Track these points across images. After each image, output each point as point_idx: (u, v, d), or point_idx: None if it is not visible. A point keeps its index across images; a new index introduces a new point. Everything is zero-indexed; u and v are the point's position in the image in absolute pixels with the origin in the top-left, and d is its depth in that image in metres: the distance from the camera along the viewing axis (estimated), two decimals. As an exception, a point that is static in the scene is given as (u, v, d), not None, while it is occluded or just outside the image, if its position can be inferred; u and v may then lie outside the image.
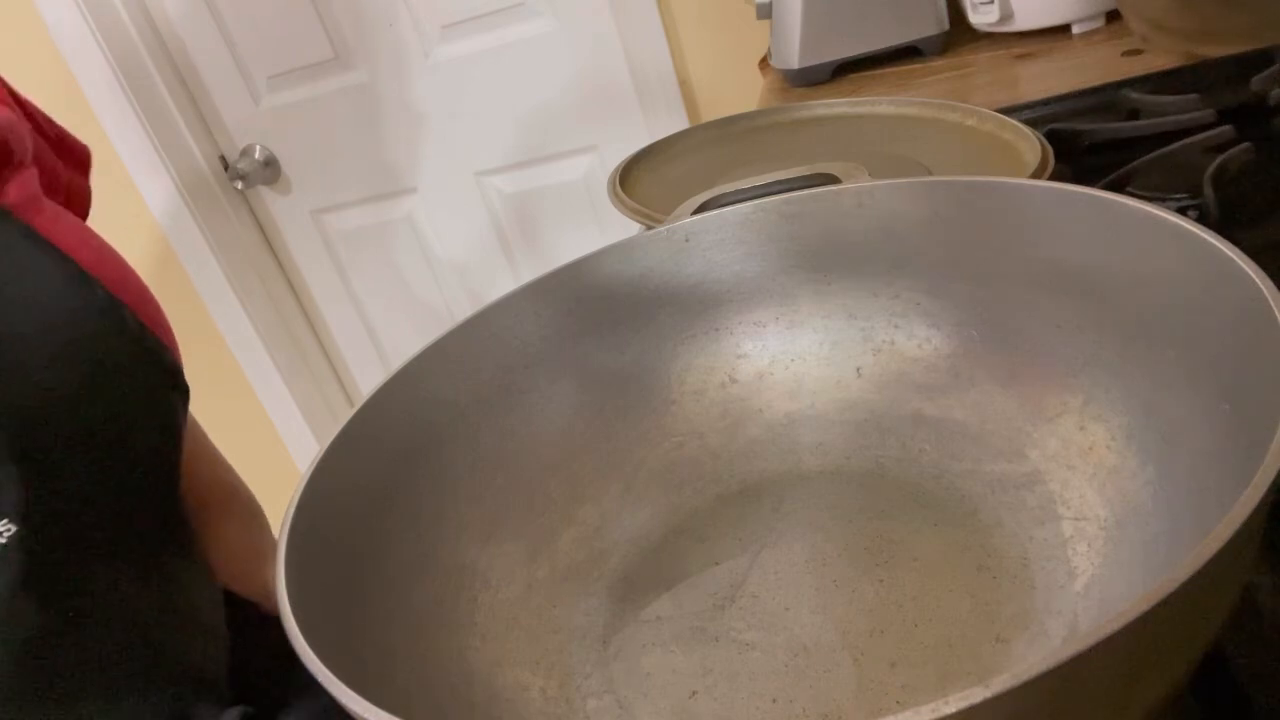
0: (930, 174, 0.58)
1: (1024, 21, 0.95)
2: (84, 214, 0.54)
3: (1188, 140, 0.63)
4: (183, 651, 0.45)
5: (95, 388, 0.42)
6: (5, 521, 0.38)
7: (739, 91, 1.30)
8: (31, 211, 0.44)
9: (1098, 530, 0.35)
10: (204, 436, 0.60)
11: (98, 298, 0.43)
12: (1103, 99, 0.75)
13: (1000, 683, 0.19)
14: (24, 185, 0.45)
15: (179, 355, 0.48)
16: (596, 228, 1.49)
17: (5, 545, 0.38)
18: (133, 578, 0.43)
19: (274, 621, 0.57)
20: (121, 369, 0.43)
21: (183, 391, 0.48)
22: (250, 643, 0.53)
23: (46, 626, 0.39)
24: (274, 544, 0.29)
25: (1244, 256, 0.29)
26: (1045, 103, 0.77)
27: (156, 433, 0.45)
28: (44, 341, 0.40)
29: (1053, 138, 0.60)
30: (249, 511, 0.63)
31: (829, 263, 0.45)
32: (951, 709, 0.19)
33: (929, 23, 1.00)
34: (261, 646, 0.54)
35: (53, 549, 0.40)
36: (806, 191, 0.44)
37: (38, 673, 0.39)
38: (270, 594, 0.59)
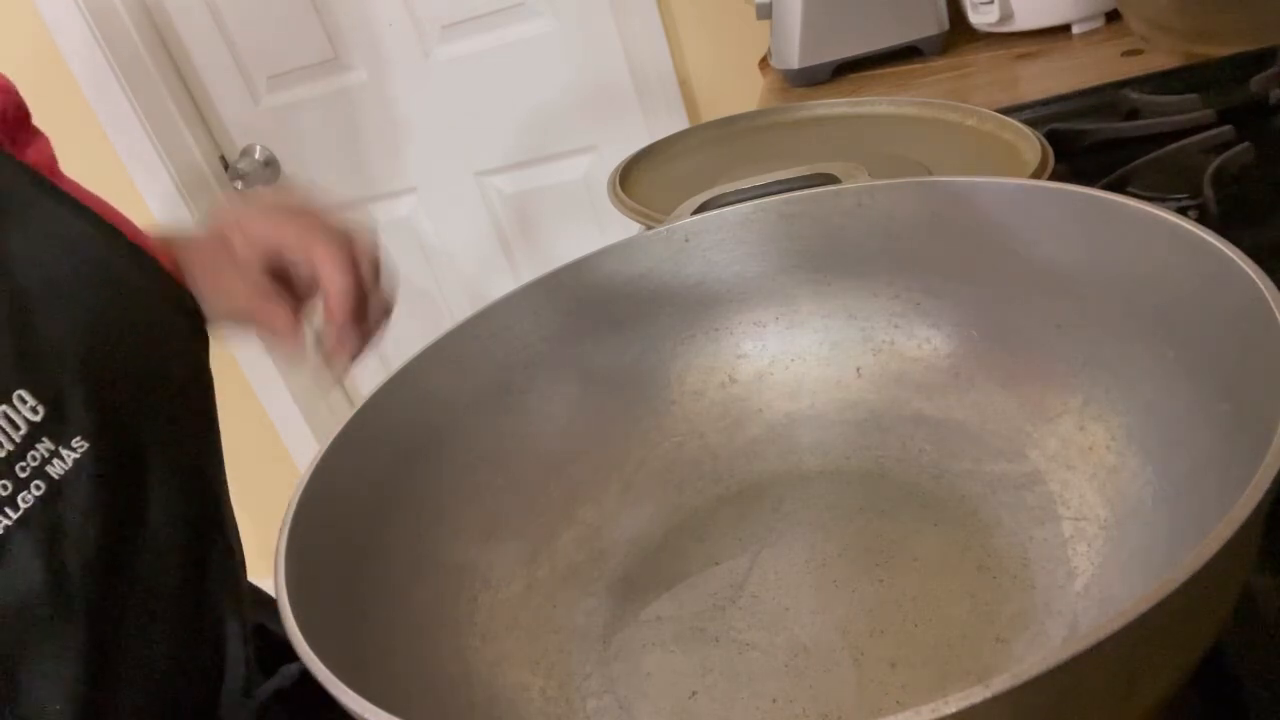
0: (930, 174, 0.58)
1: (1024, 21, 0.95)
2: None
3: (1188, 140, 0.63)
4: (219, 574, 0.49)
5: (134, 320, 0.45)
6: (79, 439, 0.42)
7: (739, 91, 1.30)
8: (49, 172, 0.47)
9: (1098, 530, 0.35)
10: None
11: (121, 241, 0.46)
12: (1103, 99, 0.75)
13: (1000, 683, 0.19)
14: (41, 149, 0.49)
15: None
16: (596, 228, 1.49)
17: (80, 460, 0.41)
18: (181, 499, 0.46)
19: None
20: (152, 305, 0.47)
21: (203, 335, 0.51)
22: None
23: (108, 543, 0.42)
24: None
25: (1244, 256, 0.29)
26: (1045, 103, 0.77)
27: (188, 364, 0.49)
28: (86, 277, 0.44)
29: (1053, 138, 0.60)
30: None
31: (829, 263, 0.45)
32: (951, 709, 0.19)
33: (929, 23, 1.00)
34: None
35: (118, 467, 0.43)
36: (806, 191, 0.44)
37: (93, 590, 0.42)
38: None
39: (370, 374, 1.79)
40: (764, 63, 1.16)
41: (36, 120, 0.52)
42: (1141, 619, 0.20)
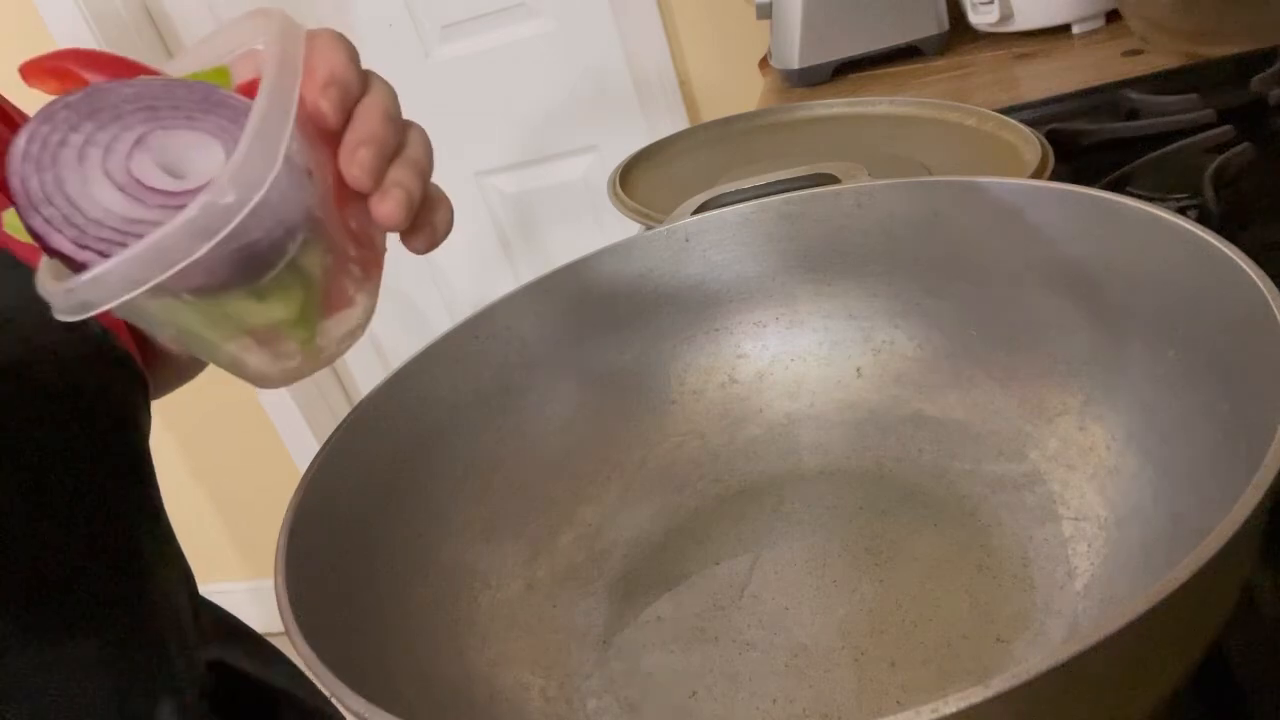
0: (930, 174, 0.58)
1: (1024, 21, 0.95)
2: None
3: (1188, 140, 0.63)
4: (153, 651, 0.45)
5: (22, 367, 0.41)
6: None
7: (739, 91, 1.30)
8: None
9: (1098, 530, 0.35)
10: None
11: (27, 283, 0.43)
12: (1103, 99, 0.75)
13: (1000, 683, 0.19)
14: None
15: (127, 339, 0.47)
16: (596, 228, 1.49)
17: None
18: (107, 573, 0.43)
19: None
20: (53, 351, 0.42)
21: (134, 374, 0.47)
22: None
23: (3, 625, 0.39)
24: None
25: (1244, 256, 0.29)
26: (1045, 103, 0.77)
27: (102, 418, 0.45)
28: None
29: (1053, 138, 0.60)
30: None
31: (829, 263, 0.45)
32: (951, 709, 0.19)
33: (929, 23, 1.00)
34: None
35: (8, 543, 0.39)
36: (806, 191, 0.44)
37: None
38: None
39: (370, 374, 1.78)
40: (764, 63, 1.16)
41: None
42: (1142, 619, 0.20)
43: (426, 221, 0.34)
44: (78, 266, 0.27)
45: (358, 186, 0.31)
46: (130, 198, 0.27)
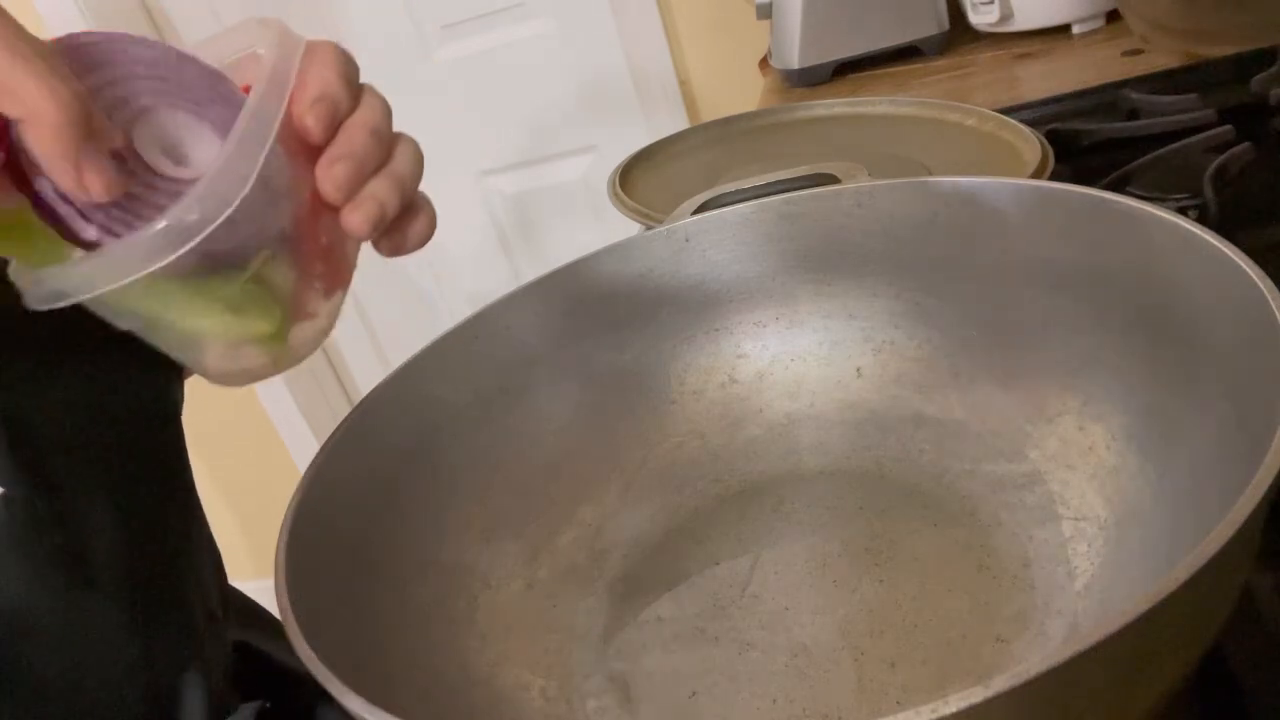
0: (930, 174, 0.58)
1: (1024, 21, 0.95)
2: None
3: (1188, 140, 0.63)
4: (181, 623, 0.45)
5: (74, 349, 0.42)
6: None
7: (739, 91, 1.30)
8: None
9: (1098, 530, 0.35)
10: None
11: None
12: (1103, 99, 0.75)
13: (1000, 683, 0.19)
14: None
15: None
16: (596, 228, 1.49)
17: None
18: (139, 542, 0.43)
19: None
20: (99, 335, 0.44)
21: (168, 360, 0.48)
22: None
23: (35, 592, 0.39)
24: None
25: (1244, 256, 0.29)
26: (1045, 103, 0.77)
27: (144, 396, 0.46)
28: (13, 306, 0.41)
29: (1053, 138, 0.60)
30: None
31: (829, 263, 0.45)
32: (951, 709, 0.19)
33: (929, 23, 1.00)
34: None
35: (44, 513, 0.39)
36: (806, 191, 0.44)
37: (14, 644, 0.39)
38: None
39: (370, 374, 1.78)
40: (764, 63, 1.16)
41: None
42: (1141, 619, 0.20)
43: (399, 230, 0.35)
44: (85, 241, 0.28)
45: (330, 200, 0.32)
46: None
